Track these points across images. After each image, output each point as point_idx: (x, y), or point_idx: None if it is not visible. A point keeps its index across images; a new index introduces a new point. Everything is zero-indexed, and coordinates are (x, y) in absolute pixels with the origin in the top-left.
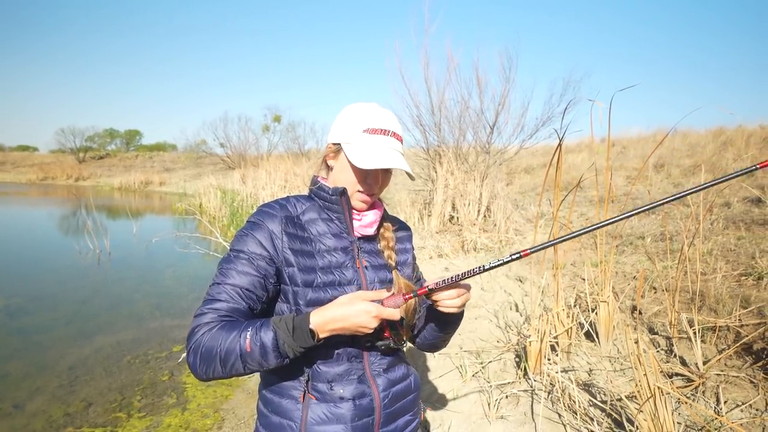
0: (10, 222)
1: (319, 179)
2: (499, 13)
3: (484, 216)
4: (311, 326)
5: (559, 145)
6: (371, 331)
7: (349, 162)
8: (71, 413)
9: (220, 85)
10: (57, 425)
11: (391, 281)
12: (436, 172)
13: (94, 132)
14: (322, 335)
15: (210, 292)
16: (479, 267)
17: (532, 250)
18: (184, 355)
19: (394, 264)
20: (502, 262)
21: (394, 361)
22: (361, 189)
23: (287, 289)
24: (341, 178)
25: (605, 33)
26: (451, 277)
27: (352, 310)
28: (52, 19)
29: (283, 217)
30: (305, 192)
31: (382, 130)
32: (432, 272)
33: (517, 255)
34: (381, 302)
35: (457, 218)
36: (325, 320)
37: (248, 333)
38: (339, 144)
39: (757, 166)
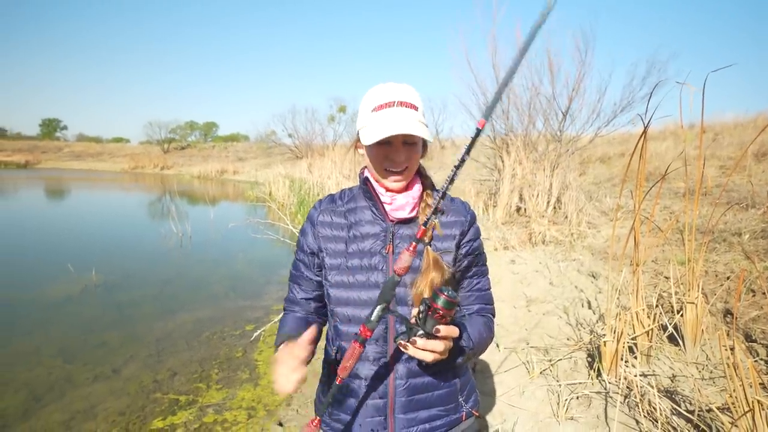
0: (108, 208)
1: (364, 169)
2: None
3: (554, 208)
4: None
5: (644, 131)
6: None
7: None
8: (159, 380)
9: (288, 78)
10: (147, 390)
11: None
12: (502, 161)
13: (176, 124)
14: None
15: (289, 286)
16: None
17: None
18: (257, 333)
19: (427, 240)
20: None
21: None
22: (387, 167)
23: (324, 270)
24: (369, 161)
25: (696, 8)
26: None
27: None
28: (147, 26)
29: (321, 210)
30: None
31: (386, 103)
32: (497, 264)
33: None
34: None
35: (525, 209)
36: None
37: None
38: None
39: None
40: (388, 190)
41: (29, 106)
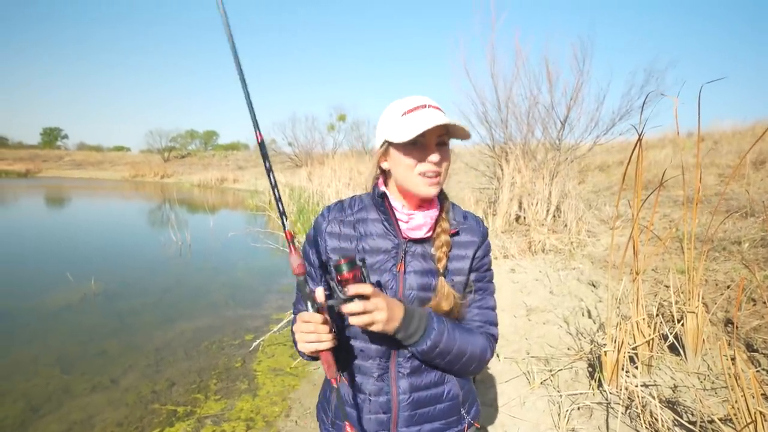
0: (108, 216)
1: (378, 182)
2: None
3: (554, 216)
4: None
5: (639, 140)
6: (318, 343)
7: (398, 149)
8: (157, 391)
9: (288, 86)
10: (145, 401)
11: (435, 288)
12: (502, 170)
13: (177, 133)
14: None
15: (296, 296)
16: None
17: None
18: (256, 343)
19: (441, 270)
20: None
21: (425, 366)
22: (422, 170)
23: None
24: (399, 172)
25: (696, 15)
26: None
27: (297, 334)
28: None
29: (330, 220)
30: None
31: (417, 106)
32: (497, 273)
33: None
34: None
35: (524, 218)
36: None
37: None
38: (385, 141)
39: None
40: (420, 204)
41: (30, 115)
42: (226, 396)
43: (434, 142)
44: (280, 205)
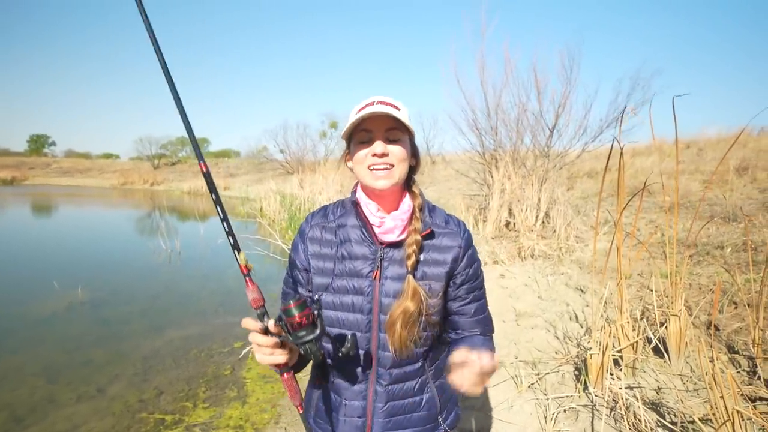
0: (96, 224)
1: (357, 185)
2: (559, 8)
3: (543, 222)
4: None
5: (621, 149)
6: (272, 357)
7: (354, 147)
8: (145, 399)
9: (279, 94)
10: (133, 410)
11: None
12: (492, 176)
13: (167, 140)
14: None
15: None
16: None
17: None
18: (245, 351)
19: (410, 269)
20: None
21: (404, 376)
22: (369, 163)
23: (312, 288)
24: (356, 168)
25: (683, 21)
26: None
27: (254, 346)
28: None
29: (312, 225)
30: None
31: (367, 104)
32: (486, 279)
33: None
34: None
35: (514, 224)
36: None
37: None
38: (348, 141)
39: None
40: (376, 195)
41: (17, 122)
42: (215, 404)
43: (381, 137)
44: (230, 239)
